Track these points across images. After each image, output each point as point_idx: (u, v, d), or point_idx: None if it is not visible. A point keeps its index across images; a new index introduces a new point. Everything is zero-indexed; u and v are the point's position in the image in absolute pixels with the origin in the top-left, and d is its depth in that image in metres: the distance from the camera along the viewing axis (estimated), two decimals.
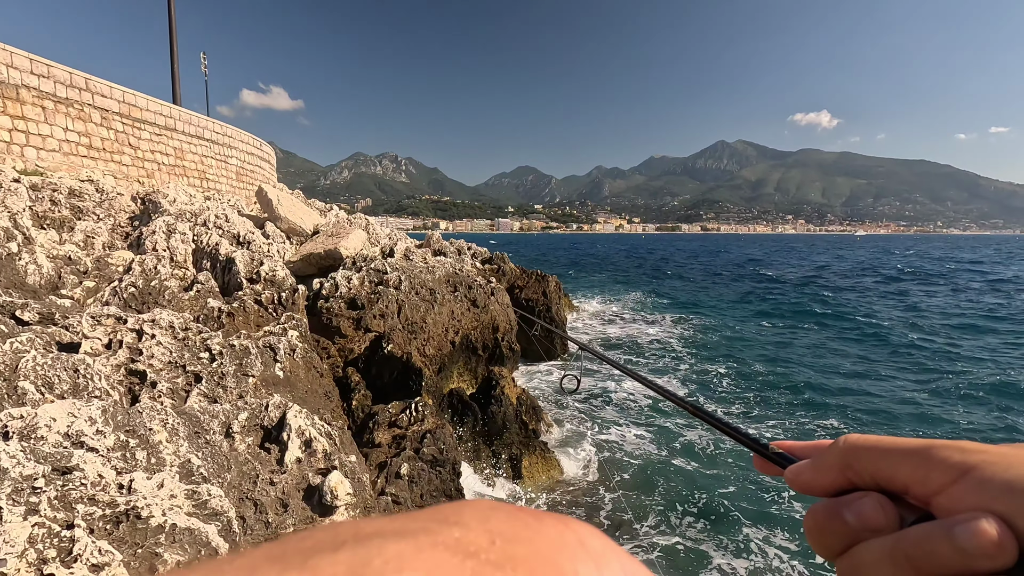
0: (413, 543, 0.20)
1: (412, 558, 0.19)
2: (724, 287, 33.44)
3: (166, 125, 14.82)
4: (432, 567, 0.19)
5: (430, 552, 0.19)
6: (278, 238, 10.00)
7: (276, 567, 0.17)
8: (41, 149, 10.77)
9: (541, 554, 0.22)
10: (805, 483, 0.39)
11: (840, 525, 0.34)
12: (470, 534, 0.21)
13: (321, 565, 0.18)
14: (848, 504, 0.35)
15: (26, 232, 6.62)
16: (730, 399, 10.95)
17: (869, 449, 0.36)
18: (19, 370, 3.25)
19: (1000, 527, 0.27)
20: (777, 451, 0.45)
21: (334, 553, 0.18)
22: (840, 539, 0.34)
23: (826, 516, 0.35)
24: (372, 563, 0.18)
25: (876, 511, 0.33)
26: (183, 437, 2.61)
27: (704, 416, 0.72)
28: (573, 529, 0.24)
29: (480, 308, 9.94)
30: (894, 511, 0.33)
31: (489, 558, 0.20)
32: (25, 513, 1.72)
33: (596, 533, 0.25)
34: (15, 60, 10.29)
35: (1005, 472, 0.29)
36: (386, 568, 0.18)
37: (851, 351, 15.52)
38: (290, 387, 4.73)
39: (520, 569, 0.20)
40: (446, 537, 0.21)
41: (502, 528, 0.23)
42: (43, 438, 2.06)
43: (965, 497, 0.30)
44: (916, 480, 0.32)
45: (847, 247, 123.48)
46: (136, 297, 6.31)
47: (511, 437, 6.99)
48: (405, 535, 0.20)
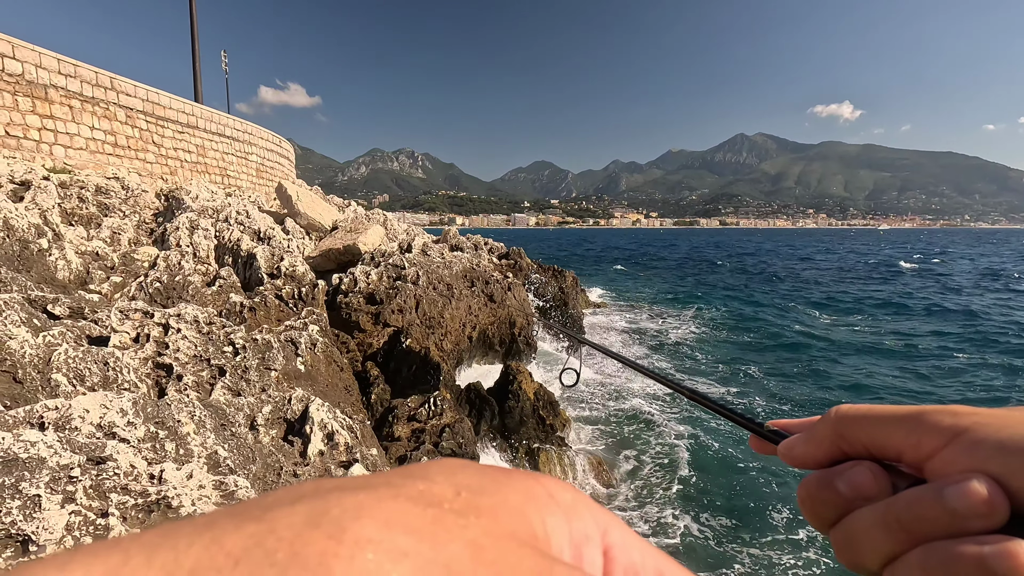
0: (374, 494, 0.20)
1: (372, 507, 0.19)
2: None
3: (188, 123, 15.06)
4: (391, 513, 0.19)
5: (391, 502, 0.19)
6: (298, 234, 10.12)
7: (234, 521, 0.18)
8: (69, 147, 11.03)
9: (508, 504, 0.21)
10: (798, 456, 0.39)
11: (832, 495, 0.34)
12: (435, 487, 0.21)
13: (278, 516, 0.18)
14: (840, 473, 0.34)
15: (56, 228, 6.79)
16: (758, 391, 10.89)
17: (860, 418, 0.35)
18: (52, 363, 3.34)
19: (991, 487, 0.27)
20: (772, 429, 0.45)
21: (292, 505, 0.19)
22: (833, 509, 0.34)
23: (819, 486, 0.35)
24: (330, 512, 0.18)
25: (868, 478, 0.33)
26: (210, 429, 2.66)
27: (701, 400, 0.72)
28: (542, 483, 0.24)
29: (497, 303, 9.96)
30: (886, 478, 0.33)
31: (453, 507, 0.20)
32: (62, 501, 1.77)
33: (567, 487, 0.25)
34: (43, 60, 10.53)
35: (997, 433, 0.29)
36: (344, 516, 0.18)
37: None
38: (311, 381, 4.80)
39: (484, 517, 0.20)
40: (409, 489, 0.21)
41: (469, 482, 0.22)
42: (77, 429, 2.12)
43: (957, 459, 0.29)
44: (908, 446, 0.32)
45: (857, 242, 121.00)
46: (161, 292, 6.45)
47: (528, 432, 7.01)
48: (366, 488, 0.20)
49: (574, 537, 0.23)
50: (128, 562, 0.15)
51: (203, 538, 0.17)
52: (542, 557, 0.19)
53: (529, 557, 0.19)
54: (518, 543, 0.19)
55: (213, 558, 0.16)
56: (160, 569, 0.15)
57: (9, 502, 1.70)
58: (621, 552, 0.24)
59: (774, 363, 13.40)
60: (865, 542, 0.31)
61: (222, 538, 0.17)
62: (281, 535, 0.17)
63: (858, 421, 0.35)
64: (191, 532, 0.17)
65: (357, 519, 0.18)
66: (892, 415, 0.34)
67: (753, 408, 10.17)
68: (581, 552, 0.23)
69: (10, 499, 1.70)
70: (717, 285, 31.18)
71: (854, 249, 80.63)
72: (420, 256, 9.84)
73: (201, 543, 0.16)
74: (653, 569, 0.24)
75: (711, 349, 14.96)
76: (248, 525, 0.17)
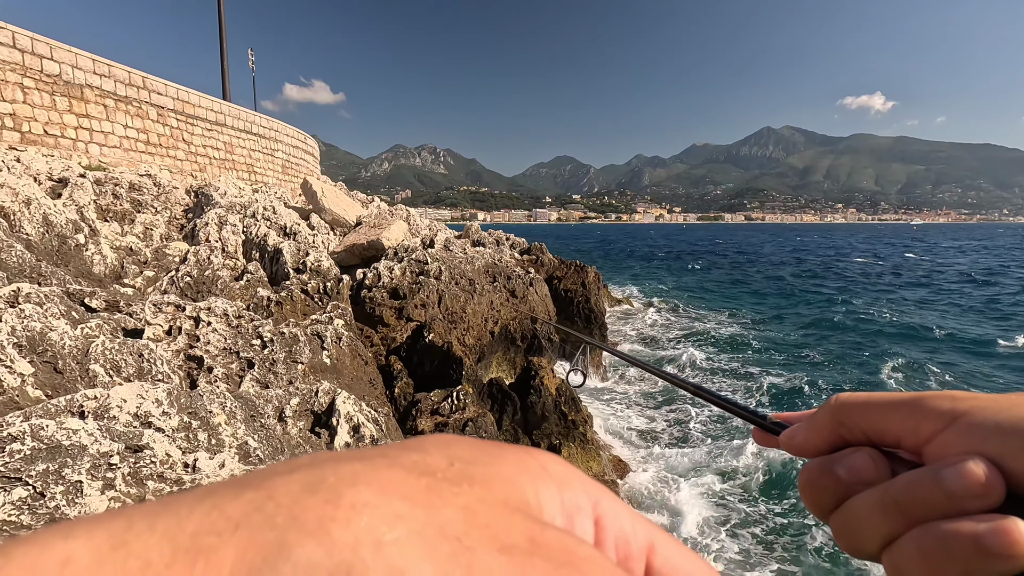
0: (369, 464, 0.20)
1: (367, 475, 0.19)
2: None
3: (217, 120, 15.38)
4: (386, 481, 0.19)
5: (386, 471, 0.20)
6: (323, 229, 10.26)
7: (233, 489, 0.18)
8: (104, 145, 11.36)
9: (501, 474, 0.22)
10: (799, 445, 0.39)
11: (832, 480, 0.34)
12: (429, 458, 0.22)
13: (277, 484, 0.18)
14: (839, 459, 0.35)
15: (92, 224, 7.00)
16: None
17: (859, 404, 0.36)
18: (90, 354, 3.45)
19: (987, 467, 0.27)
20: (775, 421, 0.45)
21: (290, 474, 0.19)
22: (832, 495, 0.34)
23: (819, 472, 0.35)
24: (327, 479, 0.19)
25: (866, 463, 0.33)
26: (240, 420, 2.72)
27: (704, 394, 0.72)
28: (535, 456, 0.25)
29: (519, 298, 9.96)
30: (885, 463, 0.33)
31: (447, 476, 0.21)
32: (103, 487, 1.84)
33: (558, 459, 0.25)
34: (79, 61, 10.86)
35: (995, 416, 0.29)
36: (340, 483, 0.19)
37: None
38: (337, 374, 4.87)
39: (477, 485, 0.21)
40: (404, 460, 0.21)
41: (462, 453, 0.23)
42: (115, 418, 2.19)
43: (955, 442, 0.30)
44: (907, 431, 0.33)
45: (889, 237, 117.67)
46: (191, 286, 6.61)
47: (551, 427, 7.00)
48: (362, 459, 0.21)
49: (566, 507, 0.23)
50: (131, 527, 0.16)
51: (203, 504, 0.17)
52: (534, 521, 0.20)
53: (521, 521, 0.19)
54: (510, 508, 0.20)
55: (214, 522, 0.16)
56: (163, 534, 0.16)
57: (53, 487, 1.77)
58: (612, 522, 0.24)
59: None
60: (863, 526, 0.32)
61: (222, 504, 0.17)
62: (280, 501, 0.17)
63: (857, 408, 0.36)
64: (192, 500, 0.18)
65: (353, 486, 0.18)
66: (891, 401, 0.34)
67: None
68: (573, 521, 0.23)
69: (54, 484, 1.77)
70: (746, 282, 30.71)
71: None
72: (442, 251, 9.89)
73: (202, 509, 0.17)
74: (644, 538, 0.25)
75: (747, 345, 14.75)
76: (247, 492, 0.18)
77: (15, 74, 9.55)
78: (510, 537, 0.18)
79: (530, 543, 0.18)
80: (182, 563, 0.15)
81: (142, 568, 0.15)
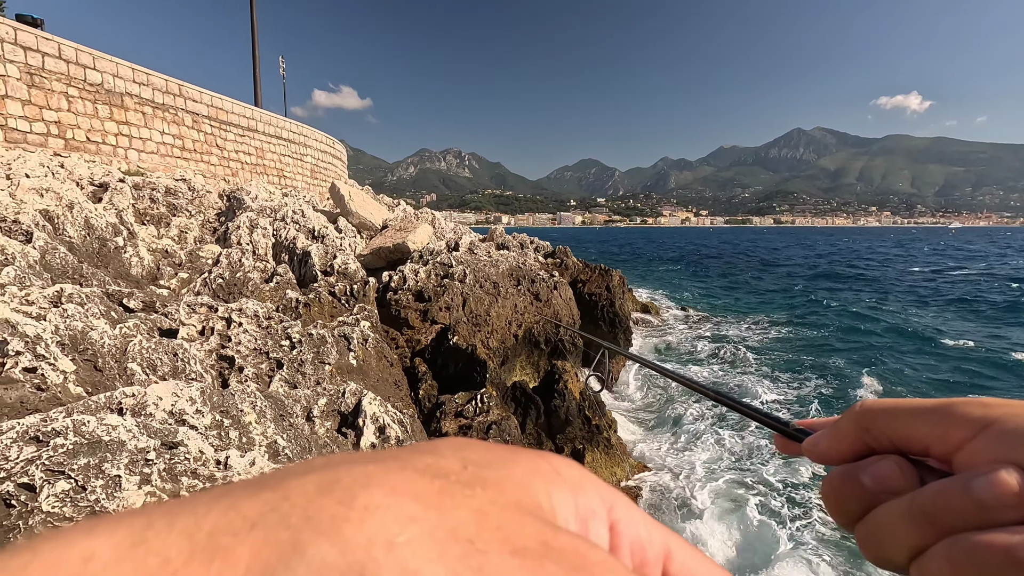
0: (382, 466, 0.20)
1: (380, 477, 0.20)
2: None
3: (248, 126, 15.78)
4: (399, 483, 0.19)
5: (398, 473, 0.20)
6: (350, 232, 10.43)
7: (249, 489, 0.19)
8: (141, 151, 11.77)
9: (514, 478, 0.22)
10: (823, 452, 0.38)
11: (857, 489, 0.33)
12: (442, 461, 0.22)
13: (292, 485, 0.19)
14: (865, 467, 0.34)
15: (130, 227, 7.25)
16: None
17: (886, 411, 0.34)
18: (127, 352, 3.57)
19: (1021, 476, 0.26)
20: (798, 428, 0.43)
21: (304, 475, 0.20)
22: (857, 503, 0.33)
23: (843, 480, 0.34)
24: (341, 481, 0.19)
25: (893, 471, 0.32)
26: (270, 419, 2.78)
27: (726, 401, 0.71)
28: (548, 460, 0.24)
29: (543, 302, 9.94)
30: (913, 472, 0.32)
31: (459, 479, 0.21)
32: (140, 483, 1.90)
33: (573, 464, 0.25)
34: (120, 70, 11.28)
35: None
36: (354, 484, 0.19)
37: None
38: (363, 375, 4.93)
39: (490, 489, 0.21)
40: (417, 462, 0.21)
41: (475, 457, 0.23)
42: (152, 415, 2.26)
43: (985, 450, 0.29)
44: (935, 438, 0.31)
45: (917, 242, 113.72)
46: (223, 288, 6.78)
47: (574, 432, 6.96)
48: (375, 461, 0.21)
49: (580, 512, 0.23)
50: (151, 526, 0.17)
51: (220, 504, 0.18)
52: (546, 524, 0.20)
53: (533, 524, 0.19)
54: (522, 511, 0.20)
55: (231, 522, 0.17)
56: (181, 532, 0.16)
57: (93, 481, 1.83)
58: (627, 527, 0.24)
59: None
60: (890, 535, 0.31)
61: (238, 504, 0.18)
62: (295, 501, 0.18)
63: (884, 414, 0.34)
64: (209, 500, 0.18)
65: (366, 487, 0.19)
66: (919, 407, 0.33)
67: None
68: (587, 526, 0.23)
69: (94, 478, 1.83)
70: (772, 288, 30.09)
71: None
72: (467, 254, 9.95)
73: (219, 509, 0.17)
74: (660, 544, 0.24)
75: (778, 353, 14.44)
76: (263, 493, 0.18)
77: (60, 83, 9.97)
78: (522, 540, 0.18)
79: (542, 546, 0.18)
80: (199, 561, 0.15)
81: (161, 565, 0.15)
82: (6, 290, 3.68)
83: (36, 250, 4.85)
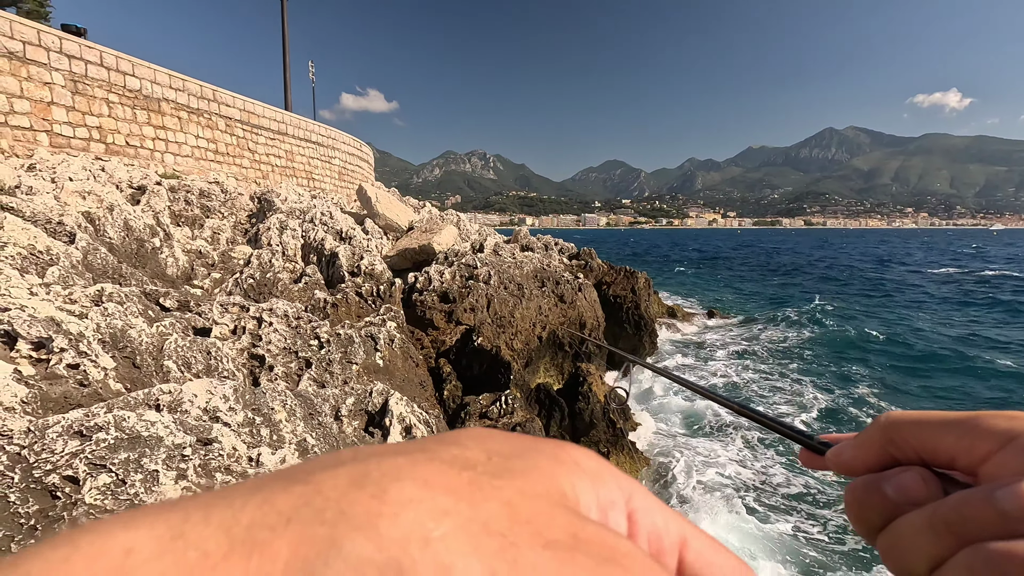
0: (410, 459, 0.21)
1: (410, 469, 0.20)
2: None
3: (279, 130, 16.13)
4: (429, 475, 0.20)
5: (427, 465, 0.21)
6: (376, 234, 10.56)
7: (282, 483, 0.19)
8: (177, 155, 12.14)
9: (538, 468, 0.22)
10: (846, 462, 0.37)
11: (879, 499, 0.33)
12: (467, 452, 0.22)
13: (323, 479, 0.19)
14: (888, 478, 0.33)
15: (166, 229, 7.48)
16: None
17: (911, 422, 0.34)
18: (164, 350, 3.68)
19: None
20: (822, 441, 0.43)
21: (335, 469, 0.20)
22: (880, 513, 0.33)
23: (866, 491, 0.34)
24: (371, 474, 0.19)
25: (916, 482, 0.32)
26: (299, 418, 2.83)
27: (749, 414, 0.69)
28: (568, 451, 0.25)
29: (567, 304, 9.91)
30: (936, 483, 0.32)
31: (486, 470, 0.21)
32: (176, 477, 1.95)
33: (592, 454, 0.25)
34: (157, 76, 11.65)
35: None
36: (383, 478, 0.19)
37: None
38: (389, 375, 4.99)
39: (517, 479, 0.21)
40: (443, 454, 0.22)
41: (499, 447, 0.23)
42: (187, 412, 2.32)
43: (1011, 463, 0.28)
44: (961, 450, 0.31)
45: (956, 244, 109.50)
46: (254, 288, 6.94)
47: (598, 435, 6.92)
48: (403, 453, 0.21)
49: (600, 502, 0.23)
50: (188, 519, 0.17)
51: (255, 498, 0.18)
52: (575, 515, 0.20)
53: (562, 515, 0.20)
54: (550, 503, 0.20)
55: (266, 516, 0.17)
56: (218, 526, 0.17)
57: (133, 475, 1.90)
58: (645, 516, 0.24)
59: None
60: (912, 546, 0.30)
61: (273, 498, 0.18)
62: (328, 495, 0.18)
63: (909, 426, 0.34)
64: (244, 493, 0.18)
65: (397, 480, 0.19)
66: (945, 419, 0.33)
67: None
68: (607, 516, 0.23)
69: (134, 472, 1.89)
70: (805, 287, 29.40)
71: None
72: (492, 256, 9.97)
73: (254, 503, 0.18)
74: (676, 533, 0.25)
75: (802, 361, 14.11)
76: (296, 487, 0.19)
77: (102, 90, 10.35)
78: (552, 532, 0.18)
79: (572, 538, 0.18)
80: (239, 555, 0.16)
81: (200, 559, 0.16)
82: (51, 289, 3.83)
83: (79, 251, 5.03)
